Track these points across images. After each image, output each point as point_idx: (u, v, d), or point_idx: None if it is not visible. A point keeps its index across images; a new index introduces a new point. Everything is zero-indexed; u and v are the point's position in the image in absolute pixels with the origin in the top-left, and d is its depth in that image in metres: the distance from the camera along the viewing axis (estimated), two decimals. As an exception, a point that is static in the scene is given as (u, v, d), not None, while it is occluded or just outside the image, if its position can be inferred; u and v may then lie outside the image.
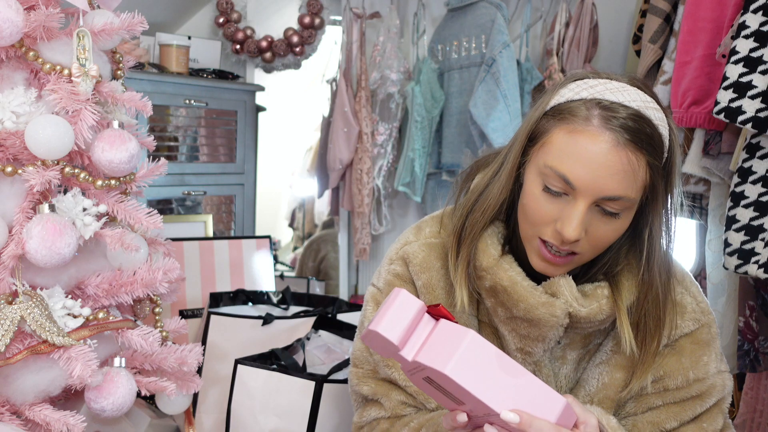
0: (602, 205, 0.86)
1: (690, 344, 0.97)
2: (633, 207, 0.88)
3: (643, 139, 0.84)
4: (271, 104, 3.21)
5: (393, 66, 2.70)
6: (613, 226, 0.88)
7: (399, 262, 1.07)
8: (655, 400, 0.97)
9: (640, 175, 0.85)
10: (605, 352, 0.99)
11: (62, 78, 1.16)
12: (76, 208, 1.17)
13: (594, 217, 0.87)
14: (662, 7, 1.92)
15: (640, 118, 0.85)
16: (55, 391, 1.17)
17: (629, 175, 0.84)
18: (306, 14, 2.96)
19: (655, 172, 0.87)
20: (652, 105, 0.87)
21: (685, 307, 0.98)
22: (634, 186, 0.85)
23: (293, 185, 4.80)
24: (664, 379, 0.97)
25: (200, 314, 1.96)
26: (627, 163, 0.84)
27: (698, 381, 0.97)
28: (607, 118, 0.84)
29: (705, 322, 0.98)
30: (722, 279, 1.77)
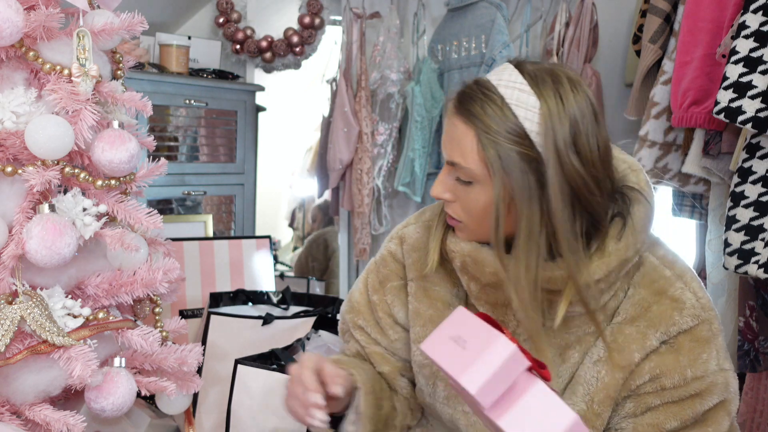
0: (456, 173, 0.93)
1: (689, 342, 0.95)
2: (480, 179, 0.91)
3: (473, 113, 0.89)
4: (271, 104, 3.21)
5: (393, 66, 2.70)
6: (471, 195, 0.93)
7: (396, 240, 1.15)
8: (653, 399, 0.96)
9: (469, 144, 0.90)
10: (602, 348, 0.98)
11: (62, 78, 1.16)
12: (76, 208, 1.17)
13: (457, 184, 0.94)
14: (662, 7, 1.92)
15: (480, 91, 0.90)
16: (55, 391, 1.17)
17: (457, 143, 0.91)
18: (306, 14, 2.96)
19: (493, 147, 0.88)
20: (518, 86, 0.89)
21: (684, 303, 0.96)
22: (465, 154, 0.90)
23: (293, 185, 4.80)
24: (660, 378, 0.95)
25: (200, 314, 1.96)
26: (456, 129, 0.91)
27: (697, 379, 0.95)
28: (458, 90, 0.93)
29: (705, 318, 0.96)
30: (722, 279, 1.77)
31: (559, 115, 0.87)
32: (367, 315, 1.15)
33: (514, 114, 0.88)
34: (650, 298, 0.97)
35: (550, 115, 0.87)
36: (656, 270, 0.98)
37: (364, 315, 1.16)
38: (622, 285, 0.98)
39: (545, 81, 0.89)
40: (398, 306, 1.12)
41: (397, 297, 1.13)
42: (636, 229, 0.94)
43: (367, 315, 1.15)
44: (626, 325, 0.97)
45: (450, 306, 1.07)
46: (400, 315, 1.12)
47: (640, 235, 0.95)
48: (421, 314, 1.09)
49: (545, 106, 0.87)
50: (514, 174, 0.88)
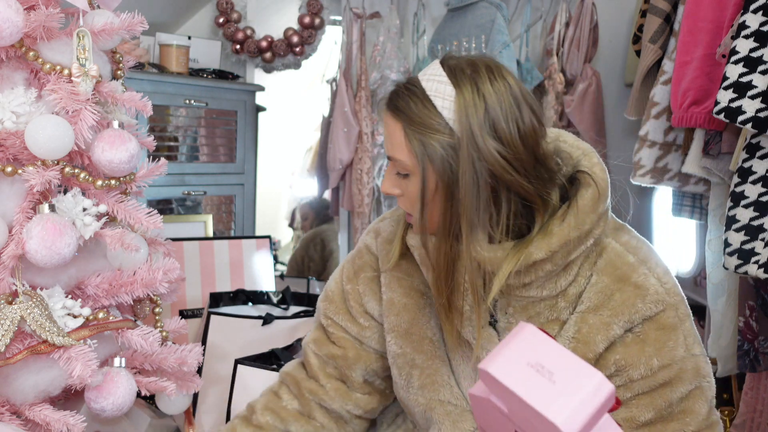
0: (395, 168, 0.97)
1: (654, 330, 0.95)
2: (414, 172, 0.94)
3: (397, 108, 0.94)
4: (271, 104, 3.21)
5: (393, 66, 2.70)
6: (410, 188, 0.96)
7: (372, 233, 1.19)
8: (623, 392, 0.96)
9: (398, 138, 0.94)
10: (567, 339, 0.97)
11: (62, 78, 1.16)
12: (76, 208, 1.17)
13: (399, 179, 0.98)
14: (662, 7, 1.92)
15: (405, 87, 0.95)
16: (55, 391, 1.17)
17: (390, 138, 0.96)
18: (306, 14, 2.96)
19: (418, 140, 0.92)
20: (437, 78, 0.94)
21: (648, 289, 0.96)
22: (396, 147, 0.95)
23: (293, 185, 4.80)
24: (627, 370, 0.95)
25: (200, 314, 1.96)
26: (387, 125, 0.96)
27: (664, 367, 0.95)
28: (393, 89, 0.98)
29: (670, 304, 0.96)
30: (722, 279, 1.77)
31: (474, 102, 0.91)
32: (339, 304, 1.19)
33: (433, 105, 0.92)
34: (613, 285, 0.97)
35: (465, 102, 0.91)
36: (619, 256, 0.98)
37: (336, 304, 1.19)
38: (583, 271, 0.98)
39: (463, 71, 0.93)
40: (369, 296, 1.15)
41: (369, 288, 1.15)
42: (581, 210, 0.94)
43: (339, 304, 1.19)
44: (590, 314, 0.97)
45: (424, 295, 1.10)
46: (371, 305, 1.15)
47: (587, 216, 0.94)
48: (395, 303, 1.11)
49: (460, 94, 0.91)
50: (436, 162, 0.92)
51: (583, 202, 0.95)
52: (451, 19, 2.66)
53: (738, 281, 1.71)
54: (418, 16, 2.81)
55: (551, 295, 0.98)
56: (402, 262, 1.12)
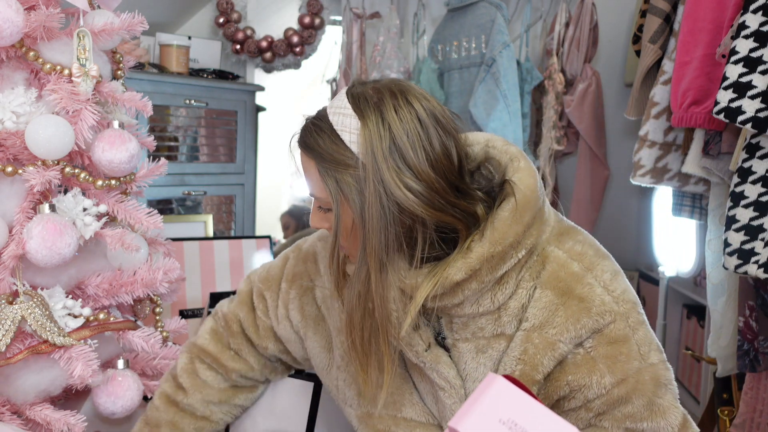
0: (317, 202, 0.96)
1: (605, 345, 0.91)
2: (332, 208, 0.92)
3: (309, 144, 0.91)
4: (271, 104, 3.21)
5: (393, 66, 2.71)
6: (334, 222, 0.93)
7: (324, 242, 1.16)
8: (585, 413, 0.93)
9: (313, 176, 0.92)
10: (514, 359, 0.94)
11: (62, 78, 1.16)
12: (76, 208, 1.17)
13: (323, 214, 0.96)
14: (662, 7, 1.92)
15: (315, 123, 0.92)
16: (56, 391, 1.17)
17: (306, 175, 0.94)
18: (306, 14, 2.96)
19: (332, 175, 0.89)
20: (342, 110, 0.90)
21: (593, 300, 0.91)
22: (313, 186, 0.93)
23: (293, 185, 4.80)
24: (582, 390, 0.92)
25: (200, 314, 1.96)
26: (302, 164, 0.94)
27: (618, 384, 0.91)
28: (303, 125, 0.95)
29: (620, 313, 0.91)
30: (722, 279, 1.77)
31: (379, 133, 0.87)
32: (273, 293, 1.17)
33: (341, 139, 0.89)
34: (557, 300, 0.92)
35: (369, 133, 0.87)
36: (563, 266, 0.93)
37: (272, 292, 1.17)
38: (524, 283, 0.93)
39: (367, 100, 0.89)
40: (295, 305, 1.14)
41: (298, 297, 1.14)
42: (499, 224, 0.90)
43: (273, 293, 1.17)
44: (534, 333, 0.93)
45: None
46: (294, 314, 1.14)
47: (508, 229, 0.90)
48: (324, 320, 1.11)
49: (365, 126, 0.87)
50: (351, 198, 0.88)
51: (502, 214, 0.90)
52: (451, 19, 2.66)
53: (738, 281, 1.71)
54: (418, 16, 2.81)
55: (489, 310, 0.94)
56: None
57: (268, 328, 1.19)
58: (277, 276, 1.18)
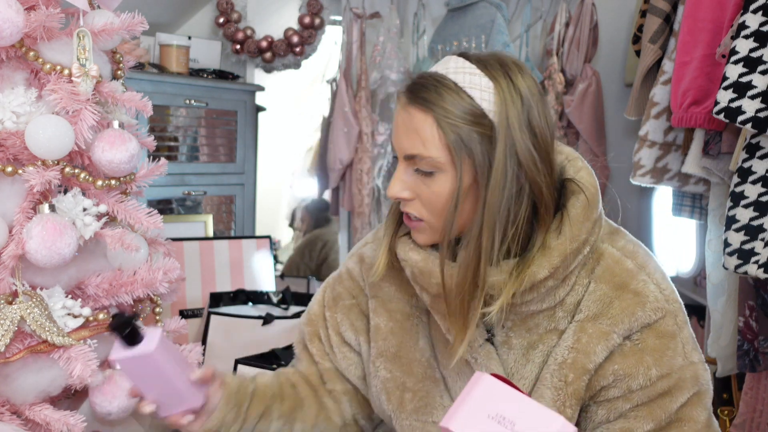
0: (414, 166, 0.91)
1: (653, 339, 0.93)
2: (443, 168, 0.89)
3: (428, 100, 0.89)
4: (271, 104, 3.21)
5: (393, 66, 2.71)
6: (433, 188, 0.91)
7: (355, 258, 1.14)
8: (623, 403, 0.94)
9: (428, 133, 0.89)
10: (565, 348, 0.95)
11: (62, 78, 1.16)
12: (76, 208, 1.17)
13: (416, 179, 0.92)
14: (662, 7, 1.92)
15: (432, 80, 0.90)
16: (55, 391, 1.17)
17: (414, 132, 0.90)
18: (306, 14, 2.96)
19: (454, 132, 0.88)
20: (468, 70, 0.90)
21: (647, 296, 0.94)
22: (426, 142, 0.89)
23: (293, 185, 4.80)
24: (626, 380, 0.93)
25: (200, 314, 1.96)
26: (411, 120, 0.90)
27: (663, 377, 0.93)
28: (410, 82, 0.93)
29: (669, 311, 0.94)
30: (722, 279, 1.77)
31: (511, 94, 0.89)
32: (321, 330, 1.15)
33: (469, 96, 0.89)
34: (612, 293, 0.94)
35: (503, 94, 0.88)
36: (617, 262, 0.96)
37: (318, 329, 1.15)
38: (580, 279, 0.95)
39: (493, 64, 0.91)
40: (346, 325, 1.11)
41: (346, 317, 1.12)
42: (574, 220, 0.92)
43: (321, 330, 1.15)
44: (588, 323, 0.94)
45: (410, 317, 1.05)
46: (348, 335, 1.11)
47: (582, 225, 0.92)
48: (381, 328, 1.07)
49: (498, 86, 0.89)
50: (476, 155, 0.88)
51: (575, 211, 0.92)
52: (451, 19, 2.66)
53: (738, 281, 1.71)
54: (418, 16, 2.81)
55: (550, 306, 0.95)
56: (383, 285, 1.08)
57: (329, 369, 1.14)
58: (319, 312, 1.16)
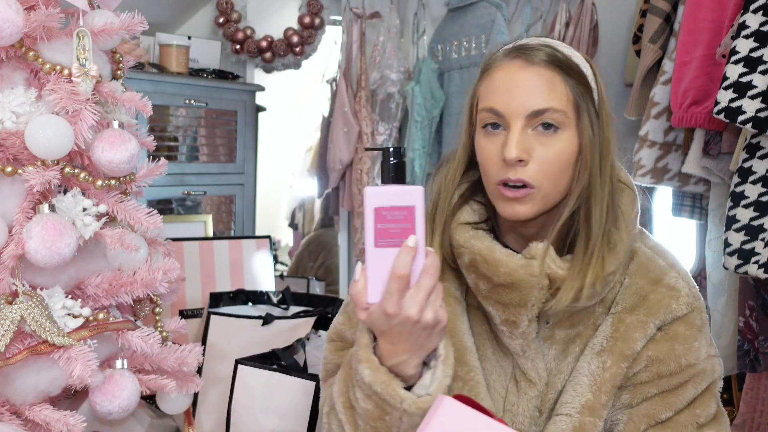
0: (538, 123, 0.91)
1: (683, 329, 0.97)
2: (568, 124, 0.91)
3: (554, 59, 0.91)
4: (271, 104, 3.21)
5: (393, 66, 2.71)
6: (555, 147, 0.91)
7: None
8: (649, 388, 0.97)
9: (558, 86, 0.90)
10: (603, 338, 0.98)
11: (62, 78, 1.16)
12: (76, 208, 1.17)
13: (534, 141, 0.91)
14: (662, 7, 1.92)
15: (548, 47, 0.93)
16: (55, 391, 1.17)
17: (546, 86, 0.90)
18: (306, 14, 2.96)
19: (576, 90, 0.91)
20: (563, 45, 0.95)
21: (680, 291, 0.98)
22: (556, 97, 0.90)
23: (293, 185, 4.80)
24: (657, 365, 0.96)
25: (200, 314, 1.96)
26: (540, 76, 0.91)
27: (690, 366, 0.96)
28: (517, 50, 0.94)
29: (697, 307, 0.98)
30: (722, 279, 1.77)
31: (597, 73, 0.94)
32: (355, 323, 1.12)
33: (576, 64, 0.93)
34: (647, 287, 0.98)
35: (595, 70, 0.93)
36: (650, 260, 1.00)
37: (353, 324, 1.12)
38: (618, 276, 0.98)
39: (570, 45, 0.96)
40: None
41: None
42: (626, 216, 0.96)
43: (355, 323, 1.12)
44: (626, 314, 0.97)
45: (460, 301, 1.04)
46: None
47: (633, 221, 0.97)
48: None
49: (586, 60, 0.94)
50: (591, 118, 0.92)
51: (626, 207, 0.96)
52: (451, 19, 2.66)
53: (738, 281, 1.71)
54: (418, 16, 2.81)
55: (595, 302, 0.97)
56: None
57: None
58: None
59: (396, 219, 0.78)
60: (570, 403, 0.96)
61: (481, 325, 1.03)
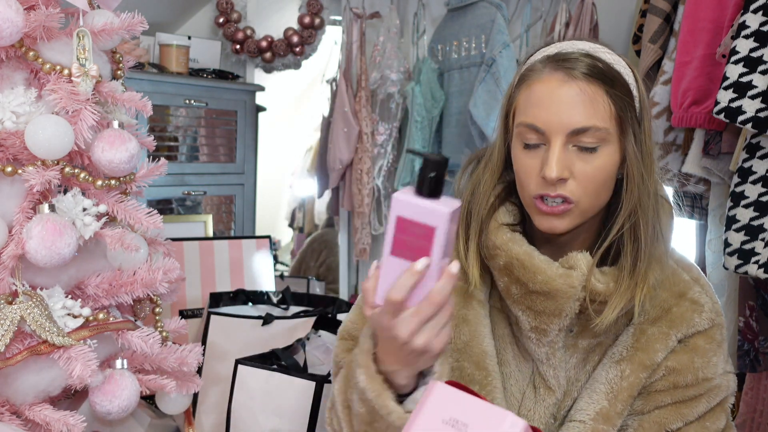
0: (577, 143, 0.89)
1: (704, 343, 0.97)
2: (609, 140, 0.89)
3: (596, 72, 0.88)
4: (271, 104, 3.21)
5: (393, 66, 2.70)
6: (595, 163, 0.89)
7: None
8: (663, 397, 0.97)
9: (600, 103, 0.88)
10: (623, 347, 0.97)
11: (62, 78, 1.16)
12: (76, 208, 1.17)
13: (575, 157, 0.89)
14: (662, 7, 1.92)
15: (589, 56, 0.90)
16: (55, 391, 1.17)
17: (588, 103, 0.87)
18: (306, 14, 2.96)
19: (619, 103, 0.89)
20: (603, 50, 0.92)
21: (703, 305, 0.98)
22: (598, 114, 0.88)
23: (293, 185, 4.80)
24: (674, 375, 0.96)
25: (200, 314, 1.96)
26: (582, 93, 0.88)
27: (706, 380, 0.97)
28: (557, 62, 0.90)
29: (718, 323, 0.98)
30: (722, 279, 1.77)
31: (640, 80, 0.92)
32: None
33: (618, 72, 0.90)
34: (671, 300, 0.98)
35: (637, 77, 0.91)
36: (675, 273, 0.99)
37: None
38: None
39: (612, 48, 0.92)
40: None
41: None
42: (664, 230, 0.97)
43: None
44: (648, 326, 0.97)
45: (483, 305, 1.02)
46: None
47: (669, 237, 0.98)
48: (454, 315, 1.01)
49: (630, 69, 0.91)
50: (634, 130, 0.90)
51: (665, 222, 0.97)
52: (451, 19, 2.66)
53: (738, 281, 1.71)
54: (418, 16, 2.81)
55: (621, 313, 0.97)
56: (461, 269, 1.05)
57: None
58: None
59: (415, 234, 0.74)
60: (585, 410, 0.96)
61: (504, 329, 1.03)
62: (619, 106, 0.88)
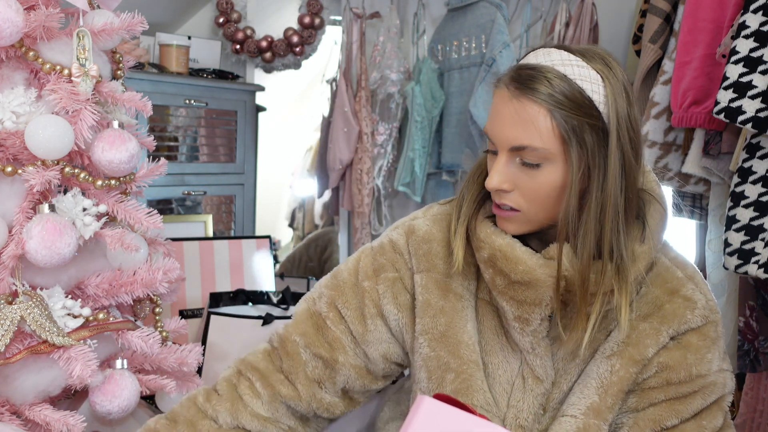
0: (520, 157, 0.92)
1: (697, 340, 0.97)
2: (552, 159, 0.90)
3: (540, 90, 0.89)
4: (271, 104, 3.21)
5: (393, 66, 2.70)
6: (539, 179, 0.92)
7: (401, 230, 1.11)
8: (657, 394, 0.97)
9: (541, 124, 0.89)
10: (615, 343, 0.98)
11: (62, 78, 1.16)
12: (76, 208, 1.17)
13: (519, 170, 0.93)
14: (662, 7, 1.92)
15: (541, 71, 0.90)
16: (55, 391, 1.17)
17: (526, 124, 0.89)
18: (306, 14, 2.96)
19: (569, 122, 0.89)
20: (574, 63, 0.91)
21: (696, 302, 0.98)
22: (537, 135, 0.89)
23: (293, 185, 4.80)
24: (667, 372, 0.97)
25: (200, 314, 1.96)
26: (520, 112, 0.90)
27: (700, 377, 0.97)
28: (515, 77, 0.92)
29: (713, 320, 0.99)
30: (722, 279, 1.77)
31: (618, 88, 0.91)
32: (350, 298, 1.10)
33: (580, 88, 0.90)
34: (663, 297, 0.98)
35: (611, 87, 0.90)
36: (669, 271, 1.00)
37: (346, 296, 1.10)
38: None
39: (595, 58, 0.92)
40: (389, 299, 1.08)
41: (389, 290, 1.08)
42: (653, 229, 0.96)
43: (350, 298, 1.10)
44: (639, 321, 0.98)
45: (461, 298, 1.05)
46: (389, 308, 1.08)
47: (659, 235, 0.97)
48: (431, 305, 1.05)
49: (606, 80, 0.90)
50: (589, 146, 0.89)
51: (654, 221, 0.97)
52: (451, 19, 2.66)
53: (738, 281, 1.71)
54: (418, 16, 2.81)
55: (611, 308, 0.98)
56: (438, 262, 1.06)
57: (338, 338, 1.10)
58: (350, 280, 1.12)
59: None
60: (576, 404, 0.97)
61: (492, 320, 1.05)
62: (570, 125, 0.89)
